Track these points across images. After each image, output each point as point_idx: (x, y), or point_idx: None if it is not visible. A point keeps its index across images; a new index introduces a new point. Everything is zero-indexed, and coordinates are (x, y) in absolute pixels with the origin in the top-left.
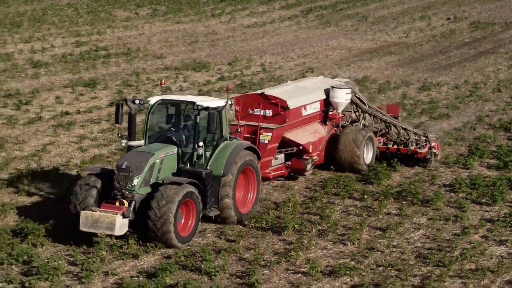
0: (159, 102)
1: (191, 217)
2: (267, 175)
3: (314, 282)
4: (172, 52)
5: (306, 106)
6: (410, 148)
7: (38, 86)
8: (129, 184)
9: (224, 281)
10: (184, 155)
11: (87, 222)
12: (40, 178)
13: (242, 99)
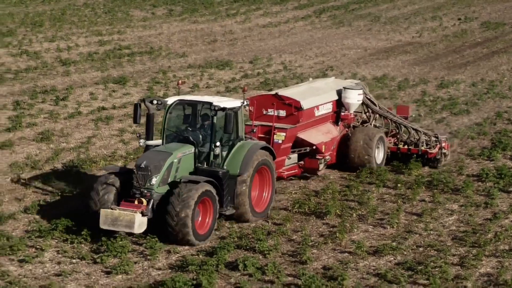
0: (176, 102)
1: (208, 215)
2: (280, 175)
3: (361, 260)
4: (193, 51)
5: (319, 107)
6: (420, 149)
7: (71, 83)
8: (148, 183)
9: (277, 259)
10: (201, 155)
11: (106, 220)
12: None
13: (256, 100)
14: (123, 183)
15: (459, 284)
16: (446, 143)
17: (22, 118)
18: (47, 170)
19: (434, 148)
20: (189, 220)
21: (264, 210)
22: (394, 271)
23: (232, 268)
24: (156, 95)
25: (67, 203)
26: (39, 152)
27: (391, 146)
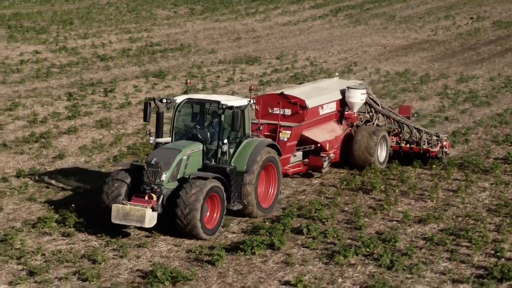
0: (185, 101)
1: (216, 210)
2: (286, 172)
3: (408, 227)
4: (220, 47)
5: (323, 106)
6: (422, 147)
7: (113, 77)
8: (158, 179)
9: (335, 226)
10: (209, 152)
11: (118, 215)
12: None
13: (262, 99)
14: (134, 179)
15: (497, 246)
16: (447, 142)
17: (78, 108)
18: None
19: (436, 146)
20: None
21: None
22: (439, 236)
23: (297, 232)
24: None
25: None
26: (102, 137)
27: (393, 145)
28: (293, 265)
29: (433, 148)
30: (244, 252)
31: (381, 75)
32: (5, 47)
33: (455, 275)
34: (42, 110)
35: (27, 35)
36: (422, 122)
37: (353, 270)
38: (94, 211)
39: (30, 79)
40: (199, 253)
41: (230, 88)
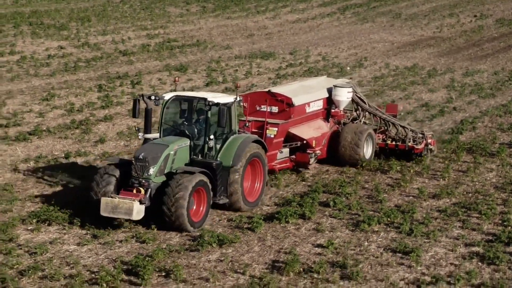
0: (173, 98)
1: (202, 204)
2: (273, 168)
3: (423, 201)
4: (234, 43)
5: (310, 104)
6: (407, 144)
7: (137, 70)
8: (146, 173)
9: (358, 200)
10: (196, 147)
11: (107, 208)
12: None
13: (250, 96)
14: (122, 174)
15: (504, 216)
16: (432, 140)
17: (110, 98)
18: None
19: (420, 144)
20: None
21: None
22: (452, 208)
23: (324, 205)
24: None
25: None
26: (136, 124)
27: (379, 142)
28: (323, 231)
29: (418, 146)
30: (279, 221)
31: (391, 69)
32: (31, 43)
33: (467, 240)
34: (76, 100)
35: (49, 32)
36: (431, 112)
37: (377, 236)
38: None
39: (60, 72)
40: (239, 221)
41: (249, 81)
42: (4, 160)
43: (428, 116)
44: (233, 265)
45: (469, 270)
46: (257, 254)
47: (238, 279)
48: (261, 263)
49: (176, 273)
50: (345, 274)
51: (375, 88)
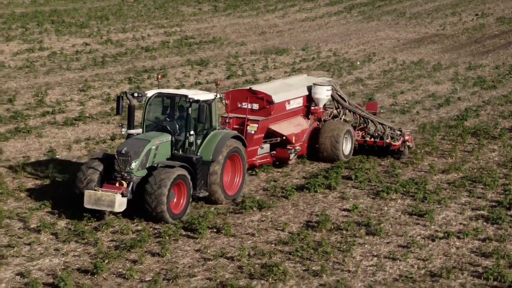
0: (155, 95)
1: (183, 197)
2: (253, 163)
3: (434, 175)
4: (248, 40)
5: (290, 101)
6: (385, 141)
7: (161, 65)
8: (128, 167)
9: (376, 174)
10: (177, 142)
11: (90, 200)
12: None
13: (231, 94)
14: (106, 168)
15: (506, 187)
16: (410, 137)
17: (142, 89)
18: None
19: (398, 140)
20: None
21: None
22: (460, 181)
23: (347, 178)
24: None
25: None
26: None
27: (358, 139)
28: (348, 199)
29: (395, 142)
30: (308, 190)
31: (398, 64)
32: (56, 39)
33: (474, 206)
34: (110, 91)
35: (71, 30)
36: (438, 101)
37: (395, 202)
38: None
39: (90, 66)
40: (273, 191)
41: (266, 74)
42: (58, 141)
43: (435, 105)
44: (273, 224)
45: (475, 227)
46: (292, 216)
47: (278, 235)
48: (297, 222)
49: (226, 229)
50: (369, 231)
51: (385, 80)
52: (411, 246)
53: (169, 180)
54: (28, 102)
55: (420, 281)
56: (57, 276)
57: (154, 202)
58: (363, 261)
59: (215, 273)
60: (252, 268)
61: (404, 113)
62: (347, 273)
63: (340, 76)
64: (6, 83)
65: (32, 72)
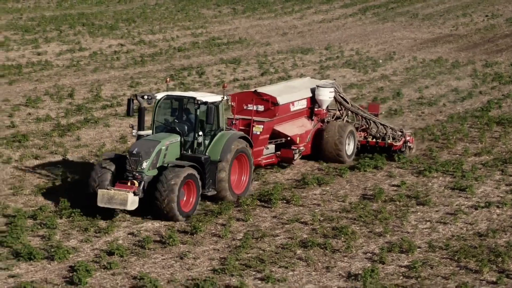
0: (164, 97)
1: (192, 195)
2: (259, 163)
3: (468, 158)
4: (272, 41)
5: (294, 103)
6: (387, 142)
7: (196, 64)
8: (139, 167)
9: (416, 156)
10: (186, 143)
11: (103, 199)
12: None
13: (237, 96)
14: (118, 168)
15: None
16: (411, 137)
17: (186, 85)
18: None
19: (399, 141)
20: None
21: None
22: (492, 162)
23: (391, 160)
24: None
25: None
26: None
27: (361, 140)
28: (395, 177)
29: (397, 143)
30: (358, 169)
31: (419, 62)
32: (92, 41)
33: (507, 182)
34: (158, 87)
35: (103, 31)
36: (461, 95)
37: (437, 179)
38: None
39: (131, 65)
40: (327, 170)
41: (297, 71)
42: (124, 130)
43: (459, 99)
44: (334, 196)
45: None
46: (349, 190)
47: (340, 205)
48: (354, 195)
49: (295, 200)
50: (419, 202)
51: (408, 77)
52: (458, 213)
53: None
54: (86, 96)
55: (470, 239)
56: (163, 236)
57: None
58: (418, 225)
59: (294, 234)
60: (324, 230)
61: (431, 105)
62: (406, 234)
63: (366, 73)
64: (60, 80)
65: (80, 71)
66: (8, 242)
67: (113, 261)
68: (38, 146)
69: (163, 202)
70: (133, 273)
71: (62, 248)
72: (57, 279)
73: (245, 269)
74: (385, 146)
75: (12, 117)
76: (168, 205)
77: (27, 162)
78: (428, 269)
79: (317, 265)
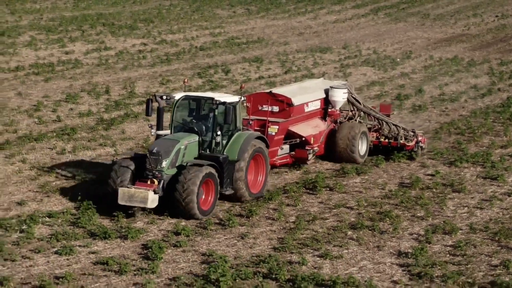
0: (183, 98)
1: (211, 194)
2: (274, 163)
3: (495, 150)
4: (290, 40)
5: (308, 104)
6: (399, 142)
7: (220, 62)
8: (159, 166)
9: (446, 148)
10: (204, 143)
11: (124, 197)
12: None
13: (252, 97)
14: (137, 167)
15: None
16: (423, 138)
17: (215, 82)
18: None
19: (411, 141)
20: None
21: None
22: None
23: None
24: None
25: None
26: None
27: (373, 140)
28: (428, 167)
29: (409, 143)
30: (393, 160)
31: (435, 60)
32: (116, 40)
33: None
34: (187, 84)
35: (123, 31)
36: (480, 92)
37: (468, 169)
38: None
39: (157, 63)
40: (364, 162)
41: (318, 69)
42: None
43: (479, 95)
44: (374, 184)
45: None
46: (386, 179)
47: (381, 192)
48: (392, 183)
49: (339, 188)
50: (454, 189)
51: (427, 74)
52: (493, 200)
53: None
54: (121, 93)
55: (507, 223)
56: (221, 219)
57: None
58: (457, 210)
59: (342, 217)
60: (370, 214)
61: (453, 101)
62: (446, 217)
63: (385, 71)
64: (92, 77)
65: (110, 69)
66: (82, 223)
67: (181, 240)
68: (87, 139)
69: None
70: (201, 250)
71: (132, 229)
72: (133, 255)
73: (303, 248)
74: (398, 146)
75: (55, 112)
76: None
77: (79, 153)
78: (472, 248)
79: (368, 244)
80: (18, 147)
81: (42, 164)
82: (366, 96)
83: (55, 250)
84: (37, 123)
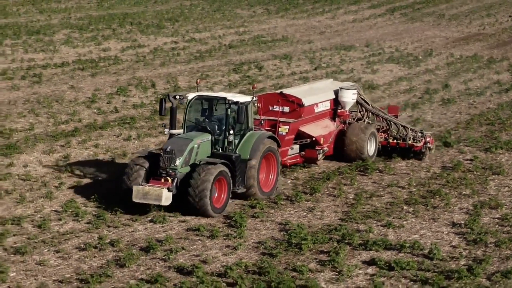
0: (195, 97)
1: (223, 192)
2: (284, 163)
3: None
4: (313, 39)
5: (318, 104)
6: (407, 143)
7: (252, 60)
8: (173, 164)
9: (480, 136)
10: (217, 142)
11: (138, 195)
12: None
13: (263, 97)
14: (151, 165)
15: None
16: (431, 138)
17: (251, 77)
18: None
19: (420, 142)
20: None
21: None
22: None
23: (446, 145)
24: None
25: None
26: None
27: (382, 141)
28: (466, 153)
29: (417, 144)
30: None
31: (456, 58)
32: (147, 39)
33: None
34: (225, 79)
35: (151, 30)
36: (504, 87)
37: (503, 155)
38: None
39: (192, 60)
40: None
41: (346, 66)
42: None
43: (503, 90)
44: (419, 167)
45: None
46: (429, 163)
47: (426, 174)
48: (435, 167)
49: (388, 170)
50: (494, 172)
51: (451, 71)
52: None
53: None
54: (166, 87)
55: None
56: (289, 196)
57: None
58: (500, 189)
59: (396, 194)
60: (420, 192)
61: (479, 95)
62: (491, 195)
63: (410, 68)
64: (135, 73)
65: (148, 65)
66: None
67: (258, 212)
68: (146, 127)
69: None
70: (277, 220)
71: None
72: (219, 224)
73: (367, 219)
74: (406, 147)
75: (110, 104)
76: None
77: (144, 139)
78: None
79: (424, 217)
80: (87, 134)
81: (113, 149)
82: (396, 91)
83: (149, 219)
84: (97, 113)
